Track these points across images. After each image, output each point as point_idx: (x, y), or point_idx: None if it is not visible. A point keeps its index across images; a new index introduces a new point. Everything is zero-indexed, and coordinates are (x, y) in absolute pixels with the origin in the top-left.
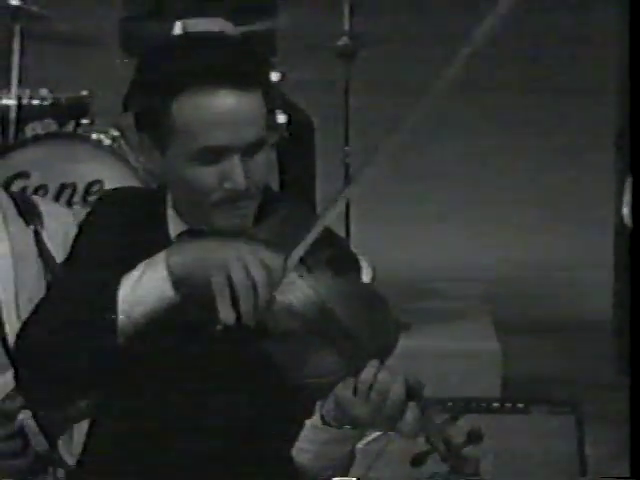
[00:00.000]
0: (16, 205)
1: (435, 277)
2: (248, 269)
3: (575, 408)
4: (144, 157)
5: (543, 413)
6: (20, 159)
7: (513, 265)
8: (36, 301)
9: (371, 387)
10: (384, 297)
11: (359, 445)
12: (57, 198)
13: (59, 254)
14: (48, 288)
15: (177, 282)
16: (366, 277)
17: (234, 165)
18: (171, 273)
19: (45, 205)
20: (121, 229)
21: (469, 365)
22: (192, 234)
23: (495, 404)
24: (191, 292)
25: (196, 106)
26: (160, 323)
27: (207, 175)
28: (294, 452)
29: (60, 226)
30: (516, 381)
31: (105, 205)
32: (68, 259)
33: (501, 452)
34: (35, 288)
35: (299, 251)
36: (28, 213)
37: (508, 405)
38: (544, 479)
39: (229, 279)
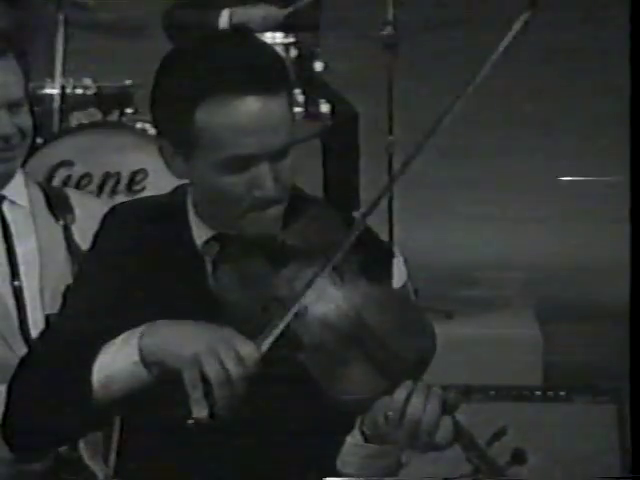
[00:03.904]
0: (47, 199)
1: (476, 265)
2: (222, 361)
3: (617, 396)
4: (165, 163)
5: (585, 401)
6: (64, 148)
7: (554, 253)
8: (60, 296)
9: (403, 416)
10: (419, 305)
11: None
12: (101, 187)
13: None
14: (47, 324)
15: (149, 366)
16: (397, 281)
17: (263, 172)
18: (143, 357)
19: (77, 198)
20: (135, 242)
21: (510, 353)
22: (219, 240)
23: (537, 392)
24: (164, 375)
25: (221, 114)
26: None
27: (236, 183)
28: (339, 464)
29: (92, 219)
30: (558, 369)
31: (115, 219)
32: (76, 283)
33: (543, 440)
34: (61, 284)
35: (270, 339)
36: (59, 207)
37: (550, 393)
38: (585, 467)
39: (202, 373)
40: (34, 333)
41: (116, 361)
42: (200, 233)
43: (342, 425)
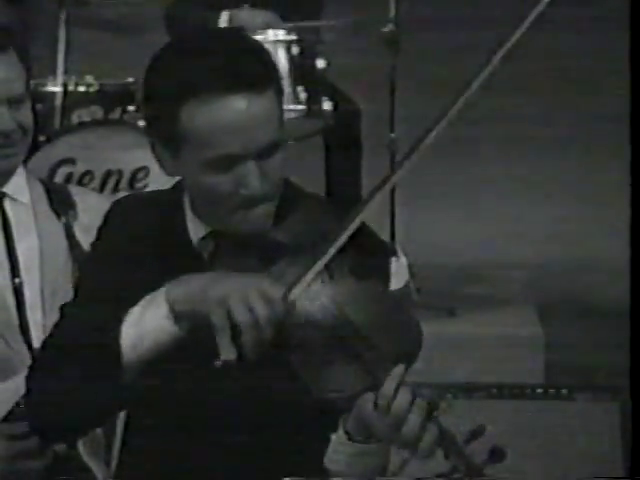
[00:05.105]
0: (49, 197)
1: (478, 264)
2: (249, 303)
3: (618, 395)
4: (156, 160)
5: (586, 400)
6: (66, 146)
7: (557, 251)
8: (61, 294)
9: (391, 402)
10: (407, 303)
11: None
12: (103, 185)
13: None
14: (62, 314)
15: (178, 317)
16: (399, 281)
17: (249, 171)
18: (172, 309)
19: (80, 195)
20: (136, 236)
21: (512, 351)
22: (213, 236)
23: (538, 390)
24: (194, 326)
25: (206, 113)
26: (167, 356)
27: (222, 182)
28: (326, 462)
29: (95, 217)
30: (559, 367)
31: (118, 213)
32: (84, 274)
33: (544, 438)
34: (62, 282)
35: (303, 283)
36: (61, 205)
37: (551, 391)
38: (586, 465)
39: (229, 314)
40: (34, 331)
41: (144, 321)
42: (196, 230)
43: (327, 423)
